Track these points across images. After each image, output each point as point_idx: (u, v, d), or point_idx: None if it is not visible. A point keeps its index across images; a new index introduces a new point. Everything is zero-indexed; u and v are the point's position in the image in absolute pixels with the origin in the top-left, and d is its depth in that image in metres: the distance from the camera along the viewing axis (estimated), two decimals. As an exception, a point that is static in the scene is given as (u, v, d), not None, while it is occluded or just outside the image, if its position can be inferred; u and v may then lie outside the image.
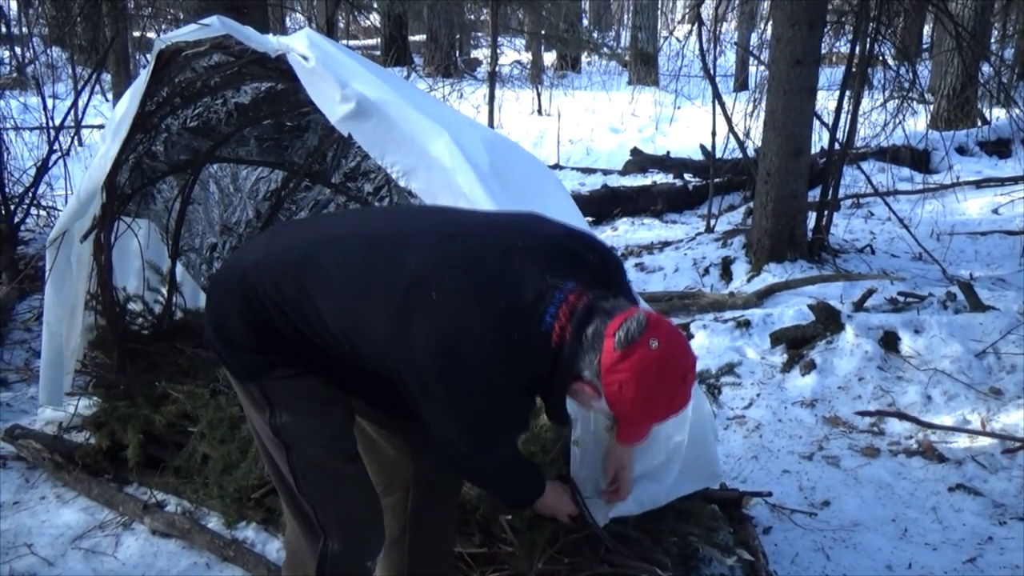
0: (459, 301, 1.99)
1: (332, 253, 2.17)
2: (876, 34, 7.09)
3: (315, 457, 2.28)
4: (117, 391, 3.85)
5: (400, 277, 2.04)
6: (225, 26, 3.19)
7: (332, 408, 2.30)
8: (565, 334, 1.94)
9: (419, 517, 2.53)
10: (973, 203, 8.37)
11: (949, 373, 4.49)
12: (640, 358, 1.89)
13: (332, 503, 2.32)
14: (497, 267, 2.03)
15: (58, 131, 6.61)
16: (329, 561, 2.34)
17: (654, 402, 1.95)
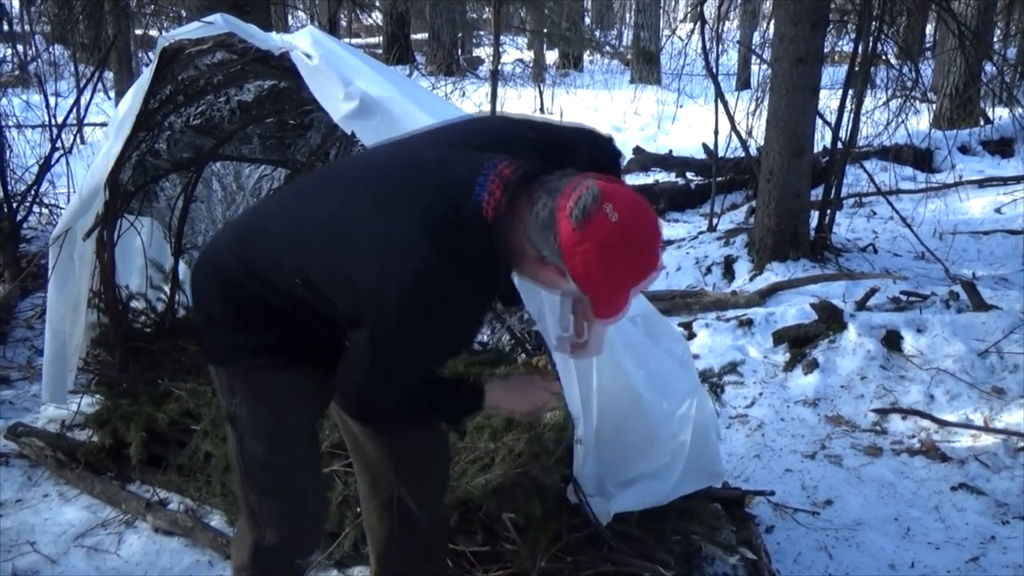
0: (386, 199, 1.96)
1: (286, 208, 2.21)
2: (879, 33, 7.08)
3: (262, 452, 2.29)
4: (120, 389, 3.86)
5: (333, 202, 2.06)
6: (228, 24, 3.19)
7: (289, 410, 2.29)
8: (500, 207, 1.84)
9: (405, 518, 2.50)
10: (976, 202, 8.36)
11: (952, 372, 4.49)
12: (600, 231, 1.77)
13: (273, 498, 2.34)
14: (421, 158, 2.02)
15: (60, 129, 6.61)
16: (262, 551, 2.38)
17: (624, 273, 1.83)
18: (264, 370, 2.21)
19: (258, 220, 2.27)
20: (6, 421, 4.13)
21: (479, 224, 1.85)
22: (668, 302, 5.94)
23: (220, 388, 2.30)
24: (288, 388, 2.25)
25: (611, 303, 1.91)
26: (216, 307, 2.22)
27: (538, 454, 2.83)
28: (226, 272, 2.19)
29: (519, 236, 1.86)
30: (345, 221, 1.99)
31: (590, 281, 1.82)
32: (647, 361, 2.83)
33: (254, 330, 2.18)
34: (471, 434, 3.04)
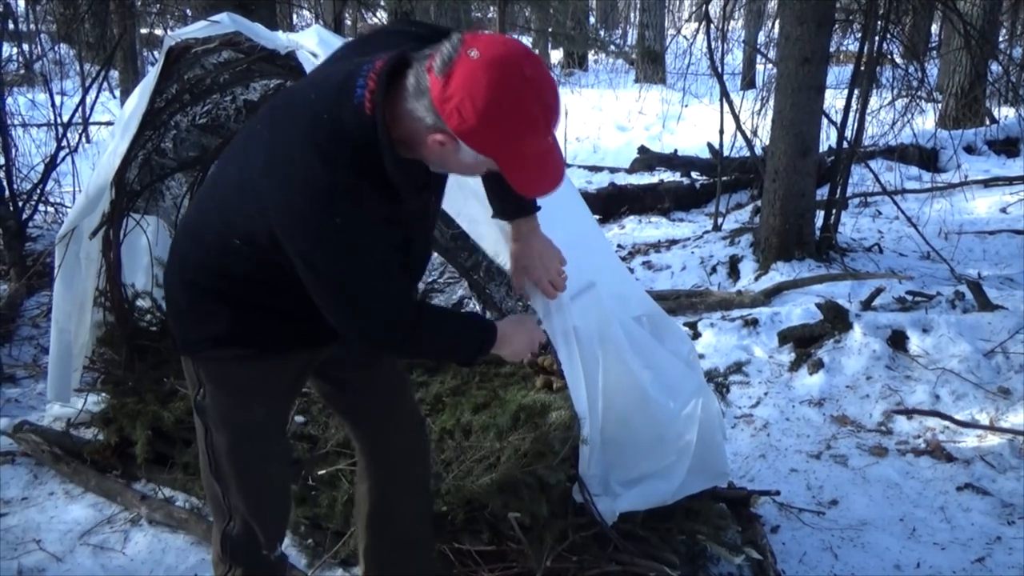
0: (276, 124, 1.97)
1: (212, 177, 2.29)
2: (884, 32, 7.08)
3: (227, 445, 2.32)
4: (125, 387, 3.86)
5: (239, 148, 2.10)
6: (235, 23, 3.20)
7: (253, 402, 2.31)
8: (376, 96, 1.82)
9: (383, 509, 2.58)
10: (981, 202, 8.35)
11: (957, 372, 4.48)
12: (463, 71, 1.73)
13: (237, 490, 2.37)
14: (309, 82, 2.05)
15: (66, 128, 6.62)
16: (232, 541, 2.44)
17: (503, 112, 1.74)
18: (228, 362, 2.24)
19: (199, 201, 2.32)
20: (12, 419, 4.14)
21: (360, 119, 1.84)
22: (673, 302, 5.93)
23: (188, 379, 2.34)
24: (252, 380, 2.28)
25: (515, 161, 1.84)
26: (181, 298, 2.24)
27: (544, 453, 2.83)
28: (185, 261, 2.23)
29: (402, 117, 1.84)
30: (249, 156, 2.01)
31: (472, 129, 1.75)
32: (653, 361, 2.83)
33: (216, 319, 2.19)
34: (476, 433, 3.04)
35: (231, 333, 2.20)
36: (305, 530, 3.19)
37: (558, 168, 1.93)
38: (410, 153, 1.91)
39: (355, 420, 2.57)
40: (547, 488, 2.78)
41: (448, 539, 2.88)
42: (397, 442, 2.56)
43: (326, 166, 1.84)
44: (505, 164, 1.84)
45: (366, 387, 2.51)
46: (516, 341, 2.31)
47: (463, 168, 1.94)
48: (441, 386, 3.38)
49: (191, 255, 2.20)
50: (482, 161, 1.85)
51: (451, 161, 1.89)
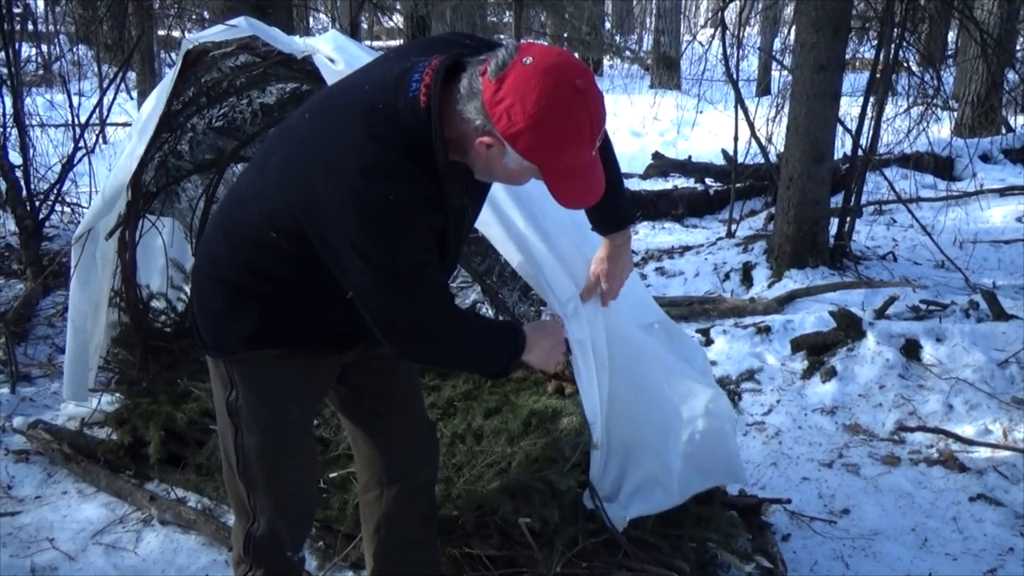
0: (330, 118, 2.00)
1: (252, 168, 2.28)
2: (901, 40, 7.05)
3: (258, 445, 2.33)
4: (139, 388, 3.89)
5: (286, 143, 2.10)
6: (252, 27, 3.22)
7: (286, 401, 2.33)
8: (431, 91, 1.87)
9: (390, 516, 2.59)
10: (997, 211, 8.31)
11: (971, 382, 4.46)
12: (516, 76, 1.78)
13: (265, 490, 2.38)
14: (360, 79, 2.07)
15: (83, 128, 6.67)
16: (255, 541, 2.44)
17: (552, 118, 1.78)
18: (262, 362, 2.26)
19: (234, 198, 2.30)
20: (26, 418, 4.17)
21: (414, 111, 1.88)
22: (686, 308, 5.93)
23: (218, 380, 2.34)
24: (286, 380, 2.29)
25: (558, 168, 1.88)
26: (214, 298, 2.25)
27: (555, 459, 2.83)
28: (218, 259, 2.24)
29: (453, 116, 1.88)
30: (296, 146, 2.03)
31: (519, 132, 1.79)
32: (665, 370, 2.83)
33: (250, 319, 2.21)
34: (488, 438, 3.05)
35: (264, 333, 2.22)
36: (316, 532, 3.20)
37: (599, 183, 1.97)
38: (457, 156, 1.94)
39: (370, 427, 2.56)
40: (558, 494, 2.79)
41: (459, 543, 2.88)
42: (412, 450, 2.58)
43: (380, 148, 1.88)
44: (548, 173, 1.89)
45: (385, 394, 2.52)
46: (543, 347, 2.32)
47: (507, 174, 1.96)
48: (453, 390, 3.38)
49: (225, 253, 2.22)
50: (526, 168, 1.89)
51: (496, 166, 1.91)
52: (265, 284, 2.17)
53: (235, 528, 2.53)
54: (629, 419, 2.71)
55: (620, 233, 2.51)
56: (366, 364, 2.45)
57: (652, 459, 2.78)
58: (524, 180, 2.00)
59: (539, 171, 1.89)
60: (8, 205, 6.22)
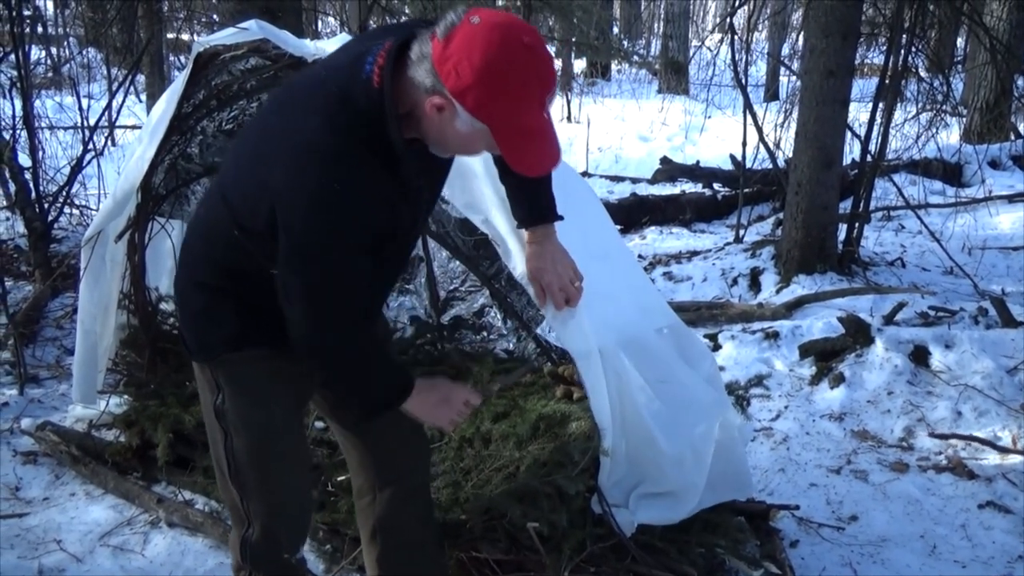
0: (288, 107, 2.02)
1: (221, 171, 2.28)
2: (910, 46, 7.05)
3: (247, 447, 2.32)
4: (148, 390, 3.89)
5: (248, 139, 2.15)
6: (263, 30, 3.23)
7: (272, 403, 2.32)
8: (384, 71, 1.88)
9: (385, 519, 2.58)
10: (1005, 217, 8.29)
11: (980, 389, 4.45)
12: (464, 34, 1.79)
13: (257, 494, 2.37)
14: (321, 68, 2.10)
15: (92, 131, 6.68)
16: (251, 547, 2.43)
17: (499, 72, 1.78)
18: (244, 363, 2.26)
19: (207, 197, 2.33)
20: (35, 420, 4.17)
21: (367, 92, 1.89)
22: (694, 313, 5.92)
23: (205, 385, 2.34)
24: (269, 380, 2.29)
25: (509, 132, 1.86)
26: (194, 301, 2.27)
27: (563, 463, 2.82)
28: (196, 261, 2.26)
29: (405, 88, 1.89)
30: (260, 139, 2.05)
31: (467, 89, 1.80)
32: (673, 375, 2.83)
33: (229, 320, 2.22)
34: (496, 442, 3.04)
35: (244, 333, 2.22)
36: (324, 535, 3.20)
37: (553, 148, 1.95)
38: (412, 132, 1.95)
39: (358, 433, 2.55)
40: (566, 498, 2.78)
41: (466, 547, 2.88)
42: (401, 453, 2.56)
43: (332, 134, 1.89)
44: (499, 134, 1.87)
45: None
46: (426, 402, 2.29)
47: (459, 140, 1.94)
48: (461, 394, 3.38)
49: (202, 255, 2.24)
50: (478, 131, 1.86)
51: (448, 131, 1.90)
52: (240, 283, 2.19)
53: (232, 535, 2.53)
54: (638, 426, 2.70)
55: (543, 228, 2.46)
56: None
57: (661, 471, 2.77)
58: (478, 148, 1.98)
59: (490, 133, 1.87)
60: (17, 207, 6.25)
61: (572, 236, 2.66)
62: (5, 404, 4.50)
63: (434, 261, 4.32)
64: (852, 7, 6.26)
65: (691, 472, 2.78)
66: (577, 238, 2.66)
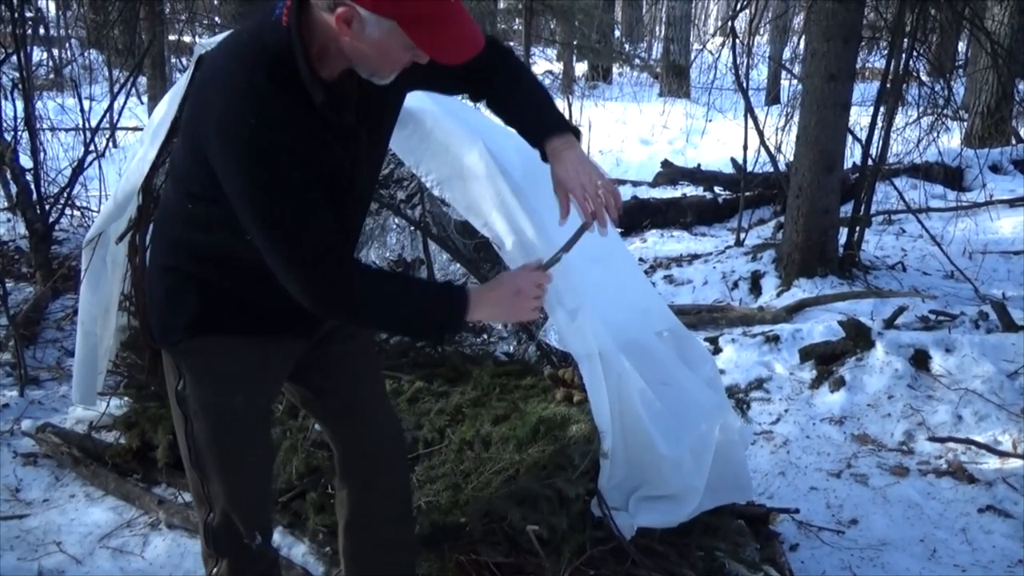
0: (214, 63, 2.05)
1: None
2: (911, 50, 7.05)
3: (206, 433, 2.33)
4: (148, 392, 3.89)
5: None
6: (263, 32, 3.22)
7: (233, 392, 2.32)
8: (292, 9, 1.91)
9: (357, 515, 2.61)
10: (1006, 222, 8.29)
11: (980, 393, 4.45)
12: None
13: (216, 479, 2.38)
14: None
15: (94, 133, 6.69)
16: (212, 532, 2.46)
17: None
18: (205, 350, 2.26)
19: (166, 176, 2.42)
20: (35, 421, 4.17)
21: (276, 31, 1.92)
22: (694, 316, 5.92)
23: (169, 370, 2.35)
24: (229, 367, 2.29)
25: (419, 24, 1.85)
26: (158, 287, 2.28)
27: (563, 466, 2.83)
28: (160, 244, 2.29)
29: (313, 20, 1.91)
30: (194, 106, 2.07)
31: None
32: (673, 378, 2.83)
33: (190, 306, 2.22)
34: (496, 445, 3.04)
35: (205, 318, 2.23)
36: (323, 538, 3.20)
37: (471, 29, 1.92)
38: (329, 68, 1.97)
39: (333, 427, 2.59)
40: (566, 501, 2.78)
41: (466, 550, 2.88)
42: (374, 450, 2.58)
43: (245, 72, 1.92)
44: (409, 28, 1.84)
45: (343, 394, 2.53)
46: (500, 299, 2.18)
47: (378, 51, 1.91)
48: (461, 397, 3.39)
49: (164, 236, 2.27)
50: (389, 31, 1.85)
51: (364, 45, 1.89)
52: (199, 264, 2.20)
53: (198, 521, 2.56)
54: (638, 429, 2.71)
55: (559, 139, 2.28)
56: (324, 362, 2.46)
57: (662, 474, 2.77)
58: (400, 55, 1.94)
59: (399, 29, 1.84)
60: (19, 208, 6.24)
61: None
62: (5, 406, 4.50)
63: (435, 264, 4.32)
64: (853, 11, 6.26)
65: (691, 475, 2.78)
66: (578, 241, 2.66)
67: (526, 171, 2.73)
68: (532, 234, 2.60)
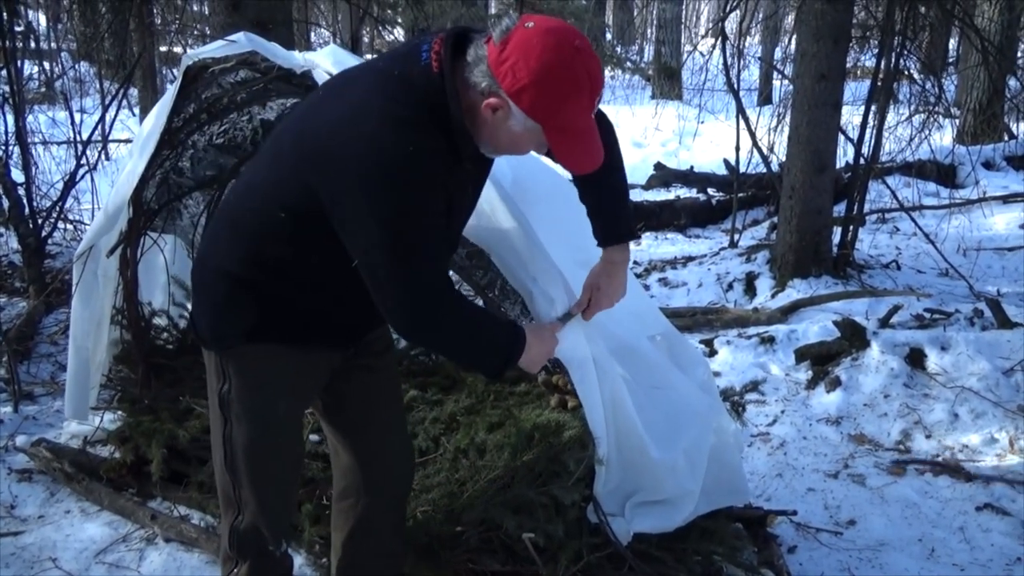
0: (343, 91, 2.09)
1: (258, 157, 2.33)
2: (902, 48, 7.05)
3: (247, 439, 2.36)
4: (142, 406, 3.88)
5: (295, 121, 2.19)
6: (252, 43, 3.23)
7: (278, 401, 2.36)
8: (442, 57, 1.97)
9: (365, 524, 2.62)
10: (1000, 218, 8.29)
11: (976, 391, 4.44)
12: (519, 38, 1.90)
13: (249, 484, 2.41)
14: (368, 61, 2.24)
15: (85, 145, 6.67)
16: (239, 534, 2.48)
17: (553, 73, 1.89)
18: (257, 357, 2.29)
19: (239, 184, 2.38)
20: (29, 437, 4.16)
21: (428, 76, 1.97)
22: (689, 319, 5.92)
23: (213, 372, 2.37)
24: (279, 376, 2.33)
25: (560, 131, 1.97)
26: (215, 291, 2.30)
27: (559, 473, 2.82)
28: (221, 250, 2.29)
29: (463, 86, 1.98)
30: (309, 123, 2.08)
31: (522, 89, 1.90)
32: (667, 382, 2.82)
33: (249, 312, 2.24)
34: (491, 452, 3.03)
35: (263, 327, 2.25)
36: (320, 549, 3.18)
37: (599, 148, 2.06)
38: (470, 125, 2.02)
39: (348, 436, 2.59)
40: (562, 508, 2.78)
41: (463, 559, 2.87)
42: (390, 462, 2.61)
43: (397, 105, 1.96)
44: (550, 131, 1.97)
45: (366, 404, 2.55)
46: (538, 351, 2.34)
47: (511, 140, 2.02)
48: (456, 405, 3.38)
49: (228, 244, 2.26)
50: (530, 129, 1.97)
51: (501, 131, 1.99)
52: (266, 274, 2.21)
53: (222, 522, 2.57)
54: (634, 436, 2.70)
55: (618, 248, 2.51)
56: (351, 373, 2.48)
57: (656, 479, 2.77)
58: (527, 147, 2.08)
59: (542, 132, 1.97)
60: (11, 223, 6.22)
61: (563, 242, 2.66)
62: (0, 422, 4.48)
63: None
64: (843, 11, 6.27)
65: (686, 479, 2.78)
66: (568, 244, 2.66)
67: (516, 180, 2.73)
68: (521, 242, 2.60)
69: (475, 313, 2.26)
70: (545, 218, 2.72)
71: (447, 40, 1.99)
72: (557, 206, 2.82)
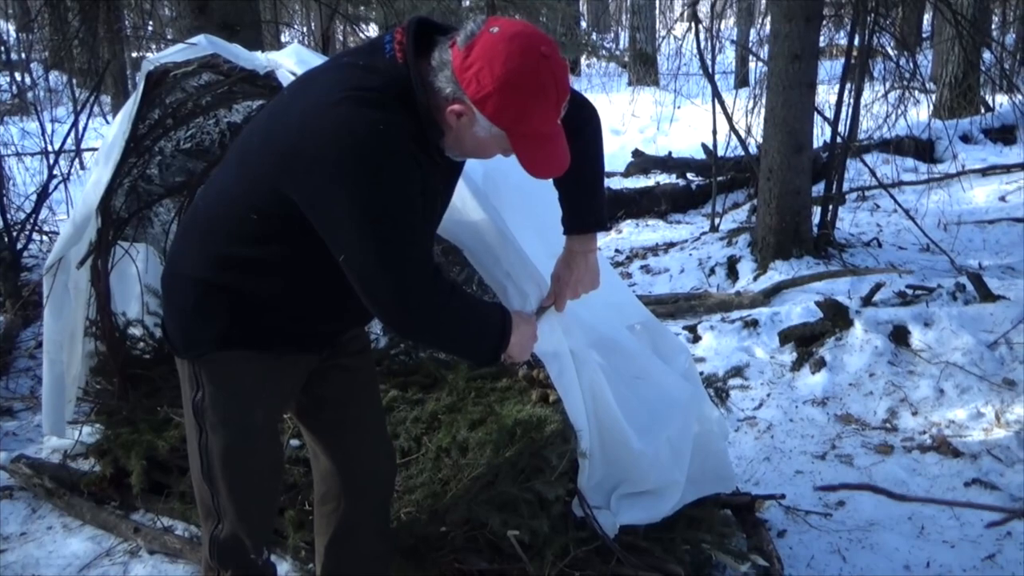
0: (308, 85, 2.07)
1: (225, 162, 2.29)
2: (875, 25, 7.04)
3: (222, 446, 2.32)
4: (120, 417, 3.82)
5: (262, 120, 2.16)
6: (212, 45, 3.18)
7: (254, 408, 2.32)
8: (405, 47, 1.94)
9: (348, 527, 2.60)
10: (979, 191, 8.31)
11: (961, 366, 4.43)
12: (484, 43, 1.87)
13: (228, 492, 2.37)
14: (332, 58, 2.25)
15: (58, 155, 6.60)
16: (220, 544, 2.45)
17: (518, 80, 1.86)
18: (231, 363, 2.25)
19: (209, 186, 2.34)
20: (10, 453, 4.10)
21: (393, 67, 1.95)
22: (672, 305, 5.90)
23: (186, 380, 2.33)
24: (254, 382, 2.29)
25: (525, 137, 1.95)
26: (185, 298, 2.25)
27: (542, 469, 2.79)
28: (193, 254, 2.25)
29: (430, 75, 1.95)
30: (276, 121, 2.06)
31: (487, 96, 1.87)
32: (648, 372, 2.80)
33: (222, 318, 2.20)
34: (473, 450, 3.00)
35: (234, 332, 2.21)
36: (305, 555, 3.15)
37: (564, 154, 2.04)
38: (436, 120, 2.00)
39: (327, 439, 2.55)
40: (546, 504, 2.75)
41: (449, 559, 2.84)
42: (370, 465, 2.58)
43: (365, 90, 1.92)
44: (515, 138, 1.95)
45: (344, 406, 2.51)
46: (523, 336, 2.29)
47: (475, 145, 2.01)
48: (437, 403, 3.33)
49: (198, 249, 2.22)
50: (495, 135, 1.95)
51: (466, 136, 1.98)
52: (238, 278, 2.16)
53: (202, 532, 2.53)
54: (616, 428, 2.67)
55: (580, 238, 2.46)
56: (327, 373, 2.44)
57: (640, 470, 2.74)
58: (492, 152, 2.06)
59: (506, 138, 1.95)
60: (-15, 237, 6.16)
61: (536, 235, 2.62)
62: (-21, 438, 4.43)
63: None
64: (814, -10, 6.25)
65: (670, 469, 2.75)
66: (541, 237, 2.62)
67: (486, 175, 2.70)
68: (494, 237, 2.56)
69: (466, 295, 2.21)
70: (518, 211, 2.69)
71: (408, 29, 1.96)
72: (529, 198, 2.78)
